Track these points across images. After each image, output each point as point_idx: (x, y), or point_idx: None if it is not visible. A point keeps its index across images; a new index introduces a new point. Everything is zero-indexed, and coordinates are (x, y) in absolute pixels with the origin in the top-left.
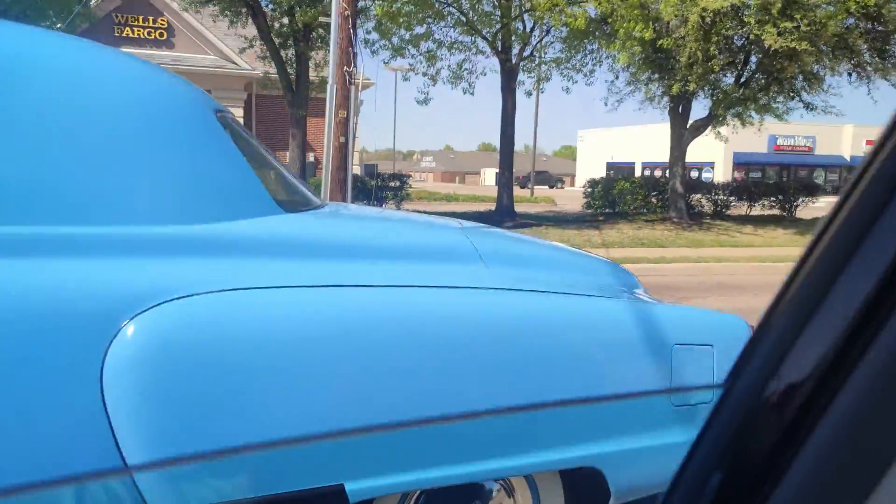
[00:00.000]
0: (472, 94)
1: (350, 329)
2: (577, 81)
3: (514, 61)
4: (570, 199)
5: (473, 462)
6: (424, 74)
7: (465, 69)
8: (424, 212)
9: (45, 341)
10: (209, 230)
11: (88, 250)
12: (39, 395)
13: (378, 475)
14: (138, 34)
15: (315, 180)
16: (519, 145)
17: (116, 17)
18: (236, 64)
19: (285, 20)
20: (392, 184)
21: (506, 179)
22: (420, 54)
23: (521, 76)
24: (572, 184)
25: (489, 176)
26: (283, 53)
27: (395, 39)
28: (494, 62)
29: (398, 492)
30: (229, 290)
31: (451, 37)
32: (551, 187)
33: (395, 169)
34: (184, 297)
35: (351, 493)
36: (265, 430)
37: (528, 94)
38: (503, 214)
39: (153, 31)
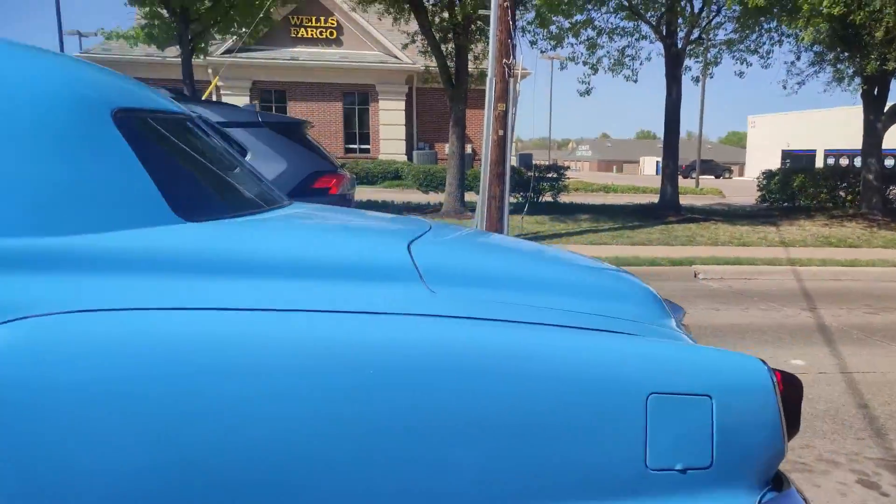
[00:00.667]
0: (636, 81)
1: (191, 359)
2: (751, 64)
3: (679, 45)
4: (740, 190)
5: None
6: (585, 63)
7: (628, 55)
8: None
9: None
10: (69, 243)
11: None
12: None
13: None
14: (311, 34)
15: (472, 172)
16: (681, 132)
17: (292, 19)
18: (398, 59)
19: (445, 14)
20: (550, 175)
21: (670, 170)
22: (580, 42)
23: (688, 61)
24: (741, 173)
25: (648, 165)
26: (443, 47)
27: (553, 28)
28: (658, 47)
29: None
30: (75, 311)
31: (612, 23)
32: (717, 177)
33: (549, 159)
34: (18, 319)
35: None
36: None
37: (696, 80)
38: (667, 207)
39: (324, 30)
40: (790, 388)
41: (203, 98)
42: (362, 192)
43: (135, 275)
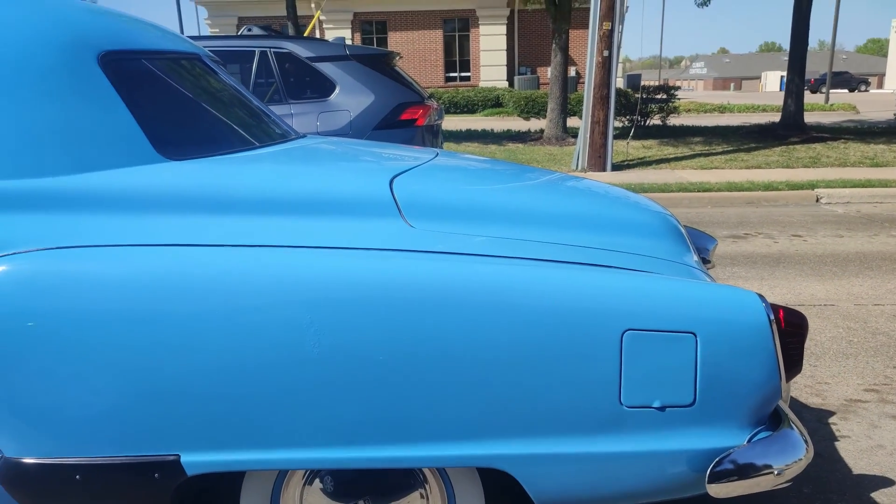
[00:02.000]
0: None
1: (174, 294)
2: None
3: None
4: (877, 104)
5: (357, 446)
6: None
7: None
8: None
9: None
10: (51, 184)
11: None
12: None
13: (222, 449)
14: None
15: (576, 95)
16: (813, 42)
17: None
18: None
19: None
20: (659, 96)
21: (795, 85)
22: None
23: None
24: (879, 85)
25: (772, 80)
26: None
27: None
28: None
29: (250, 469)
30: (55, 248)
31: None
32: (852, 91)
33: (660, 79)
34: (2, 255)
35: (188, 464)
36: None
37: None
38: (789, 126)
39: None
40: (792, 326)
41: (305, 34)
42: (462, 122)
43: (114, 213)
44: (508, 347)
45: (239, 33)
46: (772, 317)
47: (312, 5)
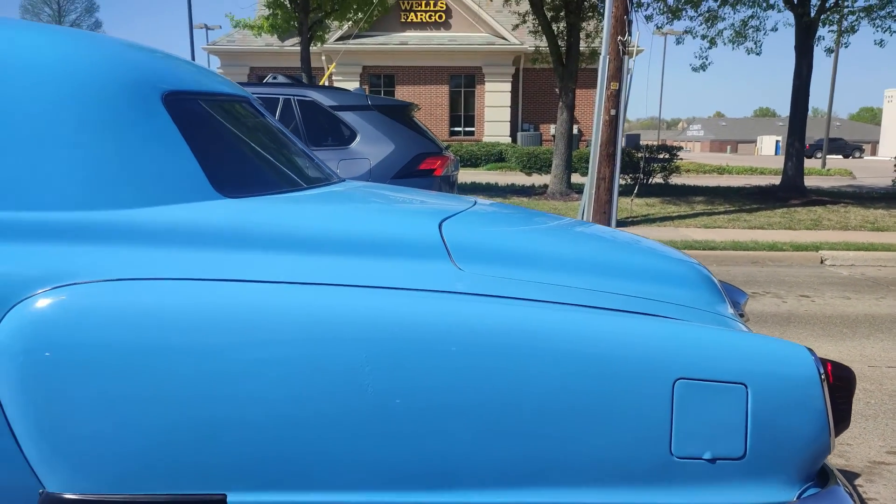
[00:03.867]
0: (758, 53)
1: (230, 329)
2: (894, 31)
3: (812, 14)
4: (873, 171)
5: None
6: (703, 37)
7: (751, 27)
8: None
9: None
10: (115, 217)
11: None
12: None
13: (270, 490)
14: (420, 18)
15: (578, 153)
16: (808, 109)
17: (402, 4)
18: (506, 40)
19: None
20: (661, 156)
21: (795, 149)
22: (698, 15)
23: (821, 31)
24: (873, 152)
25: (767, 145)
26: (554, 27)
27: (671, 1)
28: (785, 16)
29: None
30: (118, 279)
31: None
32: (846, 157)
33: (658, 139)
34: (72, 284)
35: None
36: (141, 430)
37: (829, 51)
38: (790, 189)
39: (433, 13)
40: (841, 381)
41: (320, 83)
42: (467, 175)
43: (172, 247)
44: (559, 394)
45: (265, 81)
46: (821, 370)
47: (323, 58)
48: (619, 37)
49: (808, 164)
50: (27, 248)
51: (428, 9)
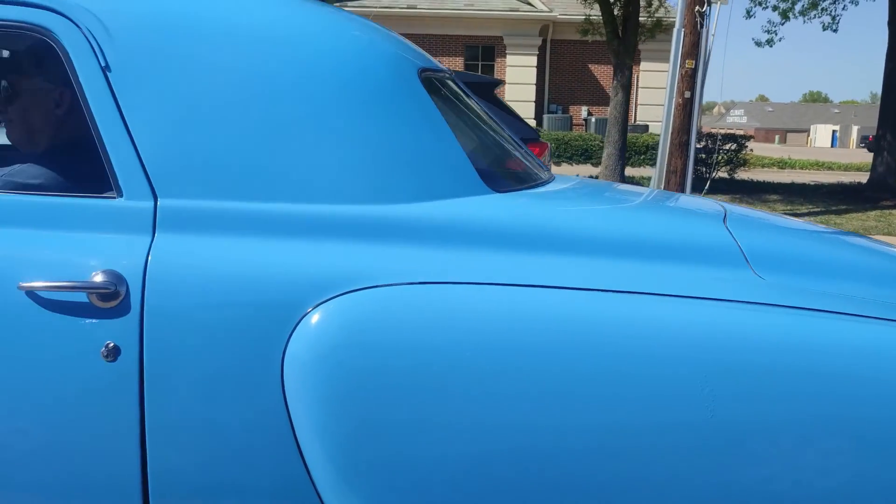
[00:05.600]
0: (835, 30)
1: (556, 341)
2: None
3: None
4: None
5: None
6: (774, 9)
7: None
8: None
9: (225, 328)
10: (401, 212)
11: (269, 230)
12: (217, 394)
13: None
14: None
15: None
16: (863, 94)
17: None
18: (532, 5)
19: None
20: (727, 146)
21: (887, 143)
22: None
23: None
24: None
25: (822, 135)
26: None
27: None
28: None
29: None
30: (422, 283)
31: None
32: None
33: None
34: (372, 287)
35: None
36: (447, 439)
37: None
38: (880, 188)
39: None
40: None
41: None
42: None
43: (463, 246)
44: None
45: None
46: None
47: None
48: (697, 7)
49: (868, 158)
50: (318, 246)
51: None
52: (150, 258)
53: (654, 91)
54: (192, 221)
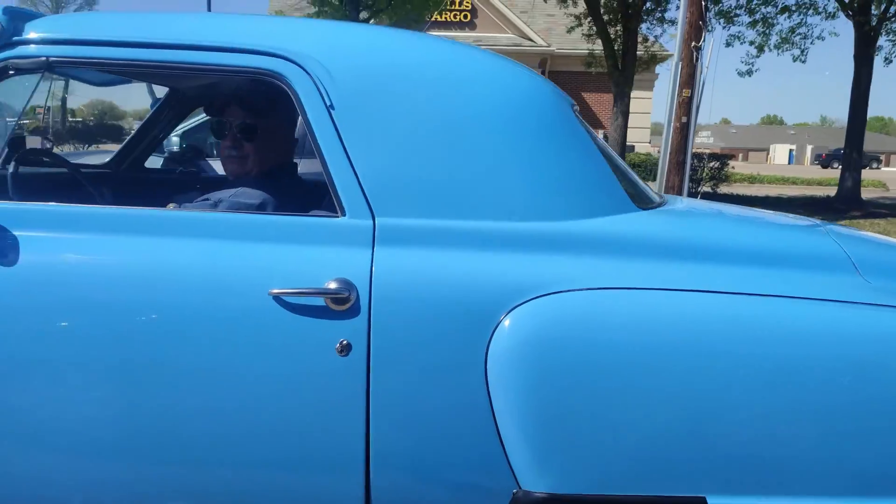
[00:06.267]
0: (804, 61)
1: (720, 342)
2: None
3: (873, 23)
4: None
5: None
6: (751, 43)
7: (798, 34)
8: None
9: (439, 327)
10: (573, 227)
11: (468, 243)
12: (431, 383)
13: (746, 494)
14: (445, 17)
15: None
16: (814, 116)
17: (427, 2)
18: (532, 41)
19: None
20: (711, 164)
21: (853, 160)
22: (757, 21)
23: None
24: (888, 163)
25: (780, 153)
26: (610, 31)
27: (727, 4)
28: (832, 25)
29: None
30: (597, 288)
31: None
32: (863, 168)
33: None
34: (555, 293)
35: None
36: (630, 430)
37: (887, 61)
38: (848, 201)
39: (458, 13)
40: None
41: None
42: None
43: (634, 256)
44: None
45: None
46: None
47: None
48: (694, 42)
49: (824, 174)
50: (510, 257)
51: (453, 8)
52: (374, 268)
53: (640, 116)
54: (404, 237)
